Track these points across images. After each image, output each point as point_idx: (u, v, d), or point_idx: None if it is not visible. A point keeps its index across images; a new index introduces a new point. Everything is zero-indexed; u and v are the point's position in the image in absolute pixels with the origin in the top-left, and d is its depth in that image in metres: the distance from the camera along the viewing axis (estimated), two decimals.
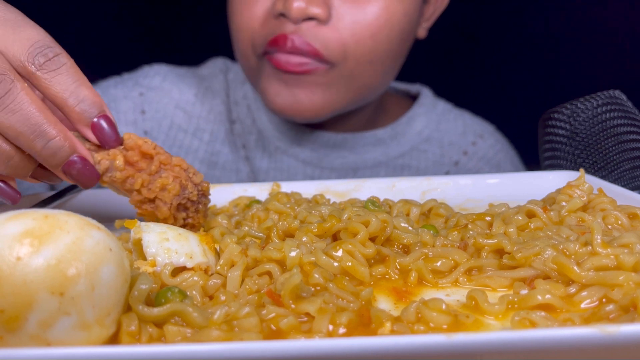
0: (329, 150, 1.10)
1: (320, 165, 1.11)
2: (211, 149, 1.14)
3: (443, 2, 1.06)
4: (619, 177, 0.81)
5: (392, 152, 1.13)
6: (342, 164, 1.11)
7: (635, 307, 0.42)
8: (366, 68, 0.94)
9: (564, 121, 0.86)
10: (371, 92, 1.01)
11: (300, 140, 1.10)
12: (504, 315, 0.46)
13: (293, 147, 1.10)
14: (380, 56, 0.94)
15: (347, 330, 0.43)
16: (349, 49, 0.91)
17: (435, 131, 1.17)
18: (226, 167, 1.14)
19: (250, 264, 0.53)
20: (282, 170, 1.11)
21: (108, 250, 0.40)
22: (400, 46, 0.97)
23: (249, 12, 0.94)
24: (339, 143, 1.10)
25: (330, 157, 1.11)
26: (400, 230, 0.58)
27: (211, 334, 0.41)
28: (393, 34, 0.94)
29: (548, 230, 0.57)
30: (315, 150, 1.10)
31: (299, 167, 1.11)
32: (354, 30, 0.91)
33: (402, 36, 0.96)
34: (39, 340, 0.38)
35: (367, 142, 1.12)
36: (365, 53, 0.92)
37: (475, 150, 1.17)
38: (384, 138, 1.13)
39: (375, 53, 0.93)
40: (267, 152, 1.12)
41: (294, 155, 1.11)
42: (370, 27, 0.91)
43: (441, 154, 1.15)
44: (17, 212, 0.40)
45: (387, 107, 1.17)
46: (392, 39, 0.94)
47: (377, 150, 1.12)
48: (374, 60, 0.94)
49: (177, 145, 1.14)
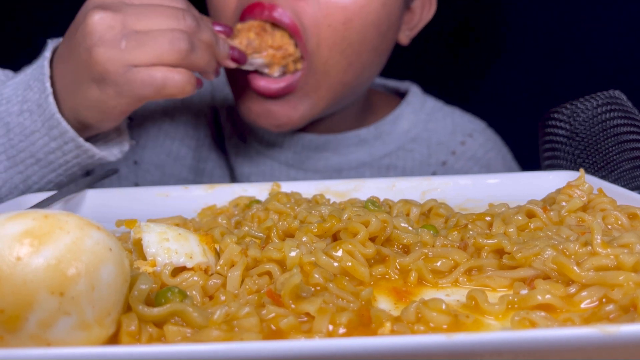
0: (312, 152, 1.08)
1: (303, 167, 1.09)
2: (198, 156, 1.13)
3: (429, 12, 1.05)
4: (619, 177, 0.81)
5: (376, 152, 1.11)
6: (325, 165, 1.09)
7: (635, 307, 0.42)
8: (340, 60, 0.91)
9: (564, 121, 0.86)
10: (349, 90, 0.98)
11: (282, 143, 1.08)
12: (504, 315, 0.46)
13: (275, 150, 1.08)
14: (354, 48, 0.91)
15: (347, 330, 0.43)
16: (322, 32, 0.89)
17: (423, 130, 1.14)
18: (214, 173, 1.13)
19: (250, 264, 0.53)
20: (265, 174, 1.09)
21: (108, 250, 0.40)
22: (377, 40, 0.94)
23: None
24: (322, 145, 1.08)
25: (313, 159, 1.09)
26: (400, 230, 0.58)
27: (211, 334, 0.41)
28: (368, 25, 0.91)
29: (548, 231, 0.57)
30: (298, 153, 1.08)
31: (282, 170, 1.09)
32: (328, 11, 0.88)
33: (379, 29, 0.93)
34: (39, 340, 0.38)
35: (351, 142, 1.09)
36: (337, 41, 0.90)
37: (464, 150, 1.15)
38: (368, 138, 1.10)
39: (347, 42, 0.90)
40: (248, 156, 1.10)
41: (276, 159, 1.09)
42: (345, 10, 0.89)
43: (428, 154, 1.13)
44: (17, 212, 0.40)
45: (374, 106, 1.14)
46: (367, 30, 0.91)
47: (361, 150, 1.10)
48: (346, 50, 0.91)
49: (165, 152, 1.12)
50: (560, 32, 1.54)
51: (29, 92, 0.80)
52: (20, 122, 0.80)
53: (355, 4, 0.89)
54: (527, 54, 1.61)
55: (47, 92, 0.78)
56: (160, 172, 1.13)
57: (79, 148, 0.81)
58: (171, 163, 1.12)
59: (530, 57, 1.60)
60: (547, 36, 1.56)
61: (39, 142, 0.80)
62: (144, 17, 0.76)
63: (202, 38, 0.80)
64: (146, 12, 0.77)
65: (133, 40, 0.75)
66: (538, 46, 1.58)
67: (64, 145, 0.80)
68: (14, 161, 0.81)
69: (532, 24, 1.59)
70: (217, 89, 1.16)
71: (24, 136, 0.80)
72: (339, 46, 0.90)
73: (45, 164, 0.82)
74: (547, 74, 1.56)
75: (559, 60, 1.54)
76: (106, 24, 0.75)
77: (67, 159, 0.82)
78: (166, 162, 1.12)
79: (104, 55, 0.75)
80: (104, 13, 0.75)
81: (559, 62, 1.54)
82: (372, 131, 1.11)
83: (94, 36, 0.75)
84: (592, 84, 0.94)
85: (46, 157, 0.81)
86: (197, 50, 0.79)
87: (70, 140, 0.80)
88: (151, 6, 0.78)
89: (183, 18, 0.78)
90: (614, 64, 1.48)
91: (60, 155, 0.81)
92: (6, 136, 0.81)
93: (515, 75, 1.61)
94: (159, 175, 1.13)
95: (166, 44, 0.76)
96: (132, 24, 0.76)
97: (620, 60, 1.49)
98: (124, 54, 0.75)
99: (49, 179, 0.83)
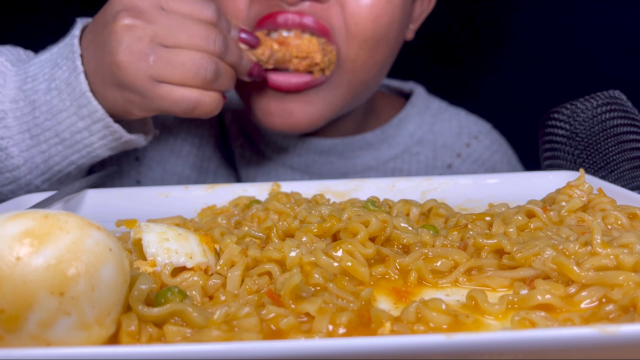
0: (317, 157, 1.08)
1: (309, 171, 1.08)
2: (202, 154, 1.13)
3: (430, 4, 1.05)
4: (619, 177, 0.81)
5: (382, 156, 1.11)
6: (331, 169, 1.09)
7: (635, 307, 0.42)
8: (367, 58, 0.91)
9: (564, 121, 0.86)
10: (366, 89, 0.98)
11: (288, 147, 1.08)
12: (504, 315, 0.46)
13: (280, 153, 1.08)
14: (381, 45, 0.91)
15: (347, 330, 0.43)
16: (351, 29, 0.88)
17: (428, 133, 1.14)
18: (218, 173, 1.13)
19: (250, 264, 0.53)
20: (270, 178, 1.09)
21: (108, 250, 0.40)
22: (397, 39, 0.95)
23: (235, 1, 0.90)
24: (327, 149, 1.07)
25: (319, 163, 1.08)
26: (400, 230, 0.58)
27: (211, 334, 0.41)
28: (394, 21, 0.91)
29: (548, 231, 0.57)
30: (303, 157, 1.08)
31: (287, 173, 1.09)
32: (355, 10, 0.88)
33: (400, 27, 0.94)
34: (39, 340, 0.38)
35: (356, 146, 1.09)
36: (367, 37, 0.89)
37: (469, 153, 1.14)
38: (374, 142, 1.10)
39: (376, 39, 0.90)
40: (254, 158, 1.10)
41: (281, 162, 1.08)
42: (372, 8, 0.88)
43: (434, 156, 1.13)
44: (17, 212, 0.40)
45: (377, 109, 1.14)
46: (392, 26, 0.91)
47: (366, 154, 1.10)
48: (374, 48, 0.91)
49: (168, 149, 1.12)
50: (560, 33, 1.54)
51: (57, 71, 0.79)
52: (48, 101, 0.79)
53: (380, 2, 0.88)
54: (527, 54, 1.61)
55: (79, 70, 0.77)
56: (162, 169, 1.12)
57: (107, 128, 0.80)
58: (173, 160, 1.12)
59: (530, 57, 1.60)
60: (548, 36, 1.56)
61: (66, 121, 0.79)
62: (174, 31, 0.75)
63: (228, 60, 0.80)
64: (177, 26, 0.76)
65: (161, 58, 0.75)
66: (538, 46, 1.58)
67: (92, 124, 0.79)
68: (38, 140, 0.81)
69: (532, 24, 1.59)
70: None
71: (50, 115, 0.79)
72: (369, 43, 0.90)
73: (70, 144, 0.81)
74: (547, 74, 1.56)
75: (559, 60, 1.54)
76: (135, 34, 0.74)
77: (93, 140, 0.81)
78: (168, 159, 1.12)
79: (131, 66, 0.74)
80: (134, 21, 0.74)
81: (559, 62, 1.54)
82: (378, 135, 1.10)
83: (121, 44, 0.74)
84: (592, 84, 0.94)
85: (72, 137, 0.80)
86: (222, 77, 0.79)
87: (99, 120, 0.79)
88: (183, 18, 0.76)
89: (213, 40, 0.77)
90: (614, 64, 1.48)
91: (87, 136, 0.80)
92: (31, 114, 0.80)
93: (515, 75, 1.61)
94: (160, 172, 1.12)
95: (193, 70, 0.76)
96: (161, 37, 0.75)
97: (620, 60, 1.48)
98: (152, 69, 0.75)
99: (72, 160, 0.82)
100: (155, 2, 0.76)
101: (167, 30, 0.75)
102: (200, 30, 0.77)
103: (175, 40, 0.76)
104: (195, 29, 0.77)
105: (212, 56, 0.77)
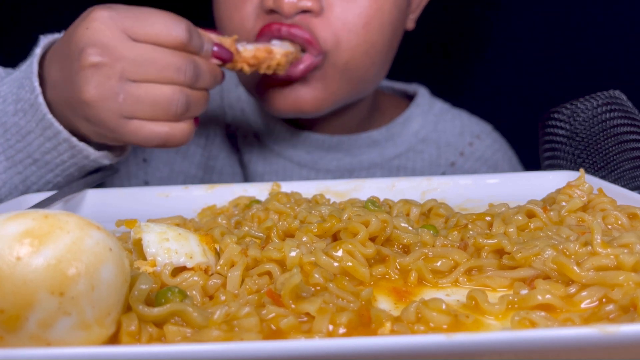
0: (324, 153, 1.10)
1: (316, 167, 1.10)
2: (208, 154, 1.14)
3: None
4: (619, 177, 0.81)
5: (387, 153, 1.13)
6: (338, 165, 1.11)
7: (635, 307, 0.42)
8: (363, 59, 0.94)
9: (564, 121, 0.86)
10: (367, 85, 1.01)
11: (295, 143, 1.09)
12: (504, 315, 0.46)
13: (288, 149, 1.10)
14: (375, 47, 0.94)
15: (347, 330, 0.43)
16: (342, 38, 0.91)
17: (432, 132, 1.16)
18: (223, 171, 1.14)
19: (250, 264, 0.53)
20: (278, 174, 1.10)
21: (108, 250, 0.40)
22: (393, 36, 0.97)
23: (239, 14, 0.92)
24: (334, 145, 1.10)
25: (326, 159, 1.10)
26: (400, 230, 0.58)
27: (211, 334, 0.41)
28: (385, 24, 0.93)
29: (548, 230, 0.57)
30: (310, 153, 1.10)
31: (294, 169, 1.10)
32: (346, 20, 0.90)
33: (394, 26, 0.96)
34: (39, 340, 0.38)
35: (363, 143, 1.11)
36: (360, 43, 0.92)
37: (472, 151, 1.16)
38: (379, 139, 1.12)
39: (369, 43, 0.93)
40: (262, 155, 1.11)
41: (288, 158, 1.10)
42: (361, 16, 0.90)
43: (437, 155, 1.15)
44: (17, 212, 0.40)
45: (382, 108, 1.16)
46: (385, 29, 0.94)
47: (372, 151, 1.12)
48: (369, 51, 0.93)
49: (174, 149, 1.13)
50: (560, 32, 1.54)
51: (21, 91, 0.78)
52: (16, 122, 0.79)
53: (370, 8, 0.91)
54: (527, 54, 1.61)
55: (36, 92, 0.76)
56: (169, 169, 1.14)
57: (73, 148, 0.79)
58: (180, 160, 1.13)
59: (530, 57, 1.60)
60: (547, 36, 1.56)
61: (34, 142, 0.79)
62: (143, 65, 0.73)
63: (200, 86, 0.79)
64: (146, 59, 0.73)
65: (131, 96, 0.73)
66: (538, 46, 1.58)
67: (58, 145, 0.79)
68: (13, 161, 0.81)
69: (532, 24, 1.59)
70: (225, 89, 1.16)
71: (20, 136, 0.79)
72: (362, 47, 0.92)
73: (43, 164, 0.81)
74: (547, 73, 1.56)
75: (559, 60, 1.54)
76: (103, 73, 0.72)
77: (64, 159, 0.80)
78: (175, 159, 1.13)
79: (100, 105, 0.73)
80: (101, 59, 0.72)
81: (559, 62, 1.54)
82: (384, 132, 1.13)
83: (88, 84, 0.72)
84: (592, 84, 0.94)
85: (43, 158, 0.80)
86: (192, 107, 0.78)
87: (63, 141, 0.78)
88: (152, 49, 0.74)
89: (184, 71, 0.75)
90: (614, 64, 1.48)
91: (56, 156, 0.80)
92: (3, 136, 0.80)
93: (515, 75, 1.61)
94: (167, 172, 1.14)
95: (163, 105, 0.75)
96: (130, 73, 0.73)
97: (620, 60, 1.48)
98: (121, 108, 0.73)
99: (47, 179, 0.82)
100: (120, 34, 0.73)
101: (136, 65, 0.73)
102: (169, 61, 0.75)
103: (144, 75, 0.74)
104: (164, 60, 0.74)
105: (183, 88, 0.76)
